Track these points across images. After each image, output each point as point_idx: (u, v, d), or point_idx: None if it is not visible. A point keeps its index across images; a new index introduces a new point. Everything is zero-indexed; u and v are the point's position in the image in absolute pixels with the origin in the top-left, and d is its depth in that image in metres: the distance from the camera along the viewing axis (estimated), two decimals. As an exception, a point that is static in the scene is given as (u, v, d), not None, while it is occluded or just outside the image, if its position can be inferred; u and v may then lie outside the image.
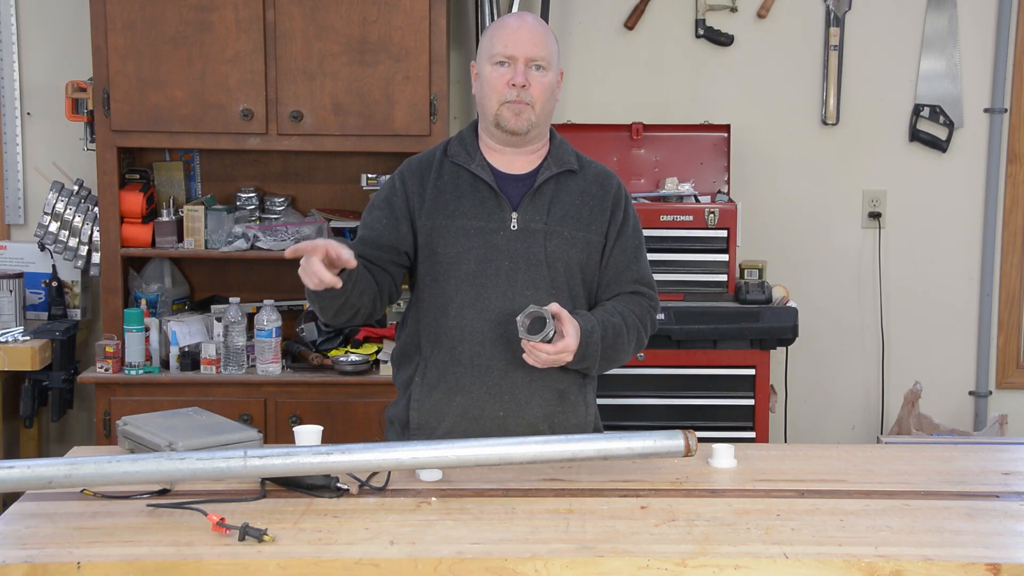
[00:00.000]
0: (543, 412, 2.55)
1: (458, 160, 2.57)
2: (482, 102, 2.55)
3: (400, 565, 1.95)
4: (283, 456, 2.19)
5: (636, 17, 4.21)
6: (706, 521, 2.13)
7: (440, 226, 2.53)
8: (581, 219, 2.56)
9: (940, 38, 4.25)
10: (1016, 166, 4.30)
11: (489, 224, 2.52)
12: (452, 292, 2.53)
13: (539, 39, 2.51)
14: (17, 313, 3.97)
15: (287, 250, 2.36)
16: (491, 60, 2.51)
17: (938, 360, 4.38)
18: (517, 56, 2.48)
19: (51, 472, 2.14)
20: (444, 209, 2.54)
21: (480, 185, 2.55)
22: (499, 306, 2.51)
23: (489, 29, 2.58)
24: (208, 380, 3.76)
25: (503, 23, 2.55)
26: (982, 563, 1.94)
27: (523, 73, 2.48)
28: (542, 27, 2.55)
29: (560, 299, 2.52)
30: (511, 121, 2.51)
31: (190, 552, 1.97)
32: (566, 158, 2.59)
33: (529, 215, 2.54)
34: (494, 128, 2.54)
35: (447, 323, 2.53)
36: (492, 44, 2.52)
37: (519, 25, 2.52)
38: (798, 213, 4.32)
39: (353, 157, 4.08)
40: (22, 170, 4.19)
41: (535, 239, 2.53)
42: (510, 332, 2.48)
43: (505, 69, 2.49)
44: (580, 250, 2.55)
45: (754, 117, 4.27)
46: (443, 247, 2.53)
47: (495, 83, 2.50)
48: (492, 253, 2.52)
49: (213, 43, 3.74)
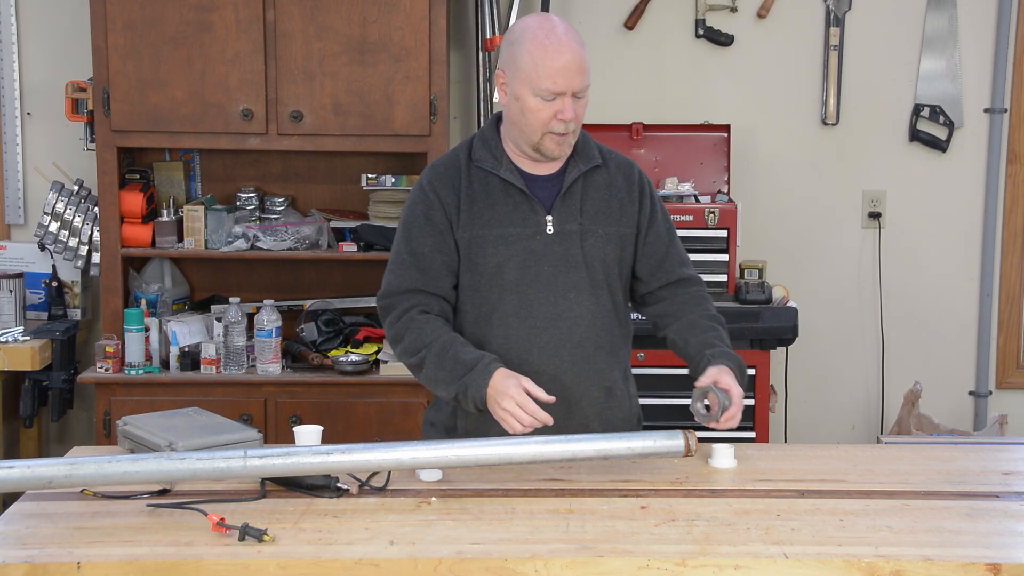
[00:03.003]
0: (593, 410, 2.55)
1: (485, 165, 2.53)
2: (522, 127, 2.47)
3: (400, 565, 1.95)
4: (283, 456, 2.19)
5: (636, 17, 4.21)
6: (706, 521, 2.13)
7: (478, 236, 2.50)
8: (612, 214, 2.55)
9: (940, 38, 4.25)
10: (1016, 166, 4.30)
11: (526, 230, 2.50)
12: (495, 301, 2.51)
13: (583, 66, 2.42)
14: (17, 313, 3.97)
15: (514, 431, 2.34)
16: (535, 90, 2.41)
17: (938, 360, 4.38)
18: (566, 92, 2.41)
19: (51, 472, 2.14)
20: (480, 218, 2.51)
21: (511, 190, 2.52)
22: (543, 312, 2.51)
23: (529, 48, 2.42)
24: (208, 380, 3.76)
25: (549, 51, 2.40)
26: (982, 563, 1.94)
27: (571, 108, 2.42)
28: (581, 47, 2.44)
29: (600, 298, 2.53)
30: (555, 151, 2.48)
31: (190, 552, 1.97)
32: (591, 153, 2.57)
33: (563, 217, 2.52)
34: (531, 150, 2.50)
35: (492, 332, 2.52)
36: (538, 76, 2.40)
37: (568, 57, 2.40)
38: (798, 213, 4.32)
39: (353, 157, 4.08)
40: (22, 170, 4.19)
41: (571, 240, 2.52)
42: (556, 335, 2.50)
43: (552, 102, 2.42)
44: (615, 246, 2.55)
45: (754, 117, 4.27)
46: (483, 257, 2.51)
47: (541, 115, 2.43)
48: (532, 259, 2.50)
49: (213, 43, 3.73)
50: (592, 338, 2.54)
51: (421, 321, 2.48)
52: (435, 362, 2.44)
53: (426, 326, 2.48)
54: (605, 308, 2.55)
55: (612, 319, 2.57)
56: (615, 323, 2.58)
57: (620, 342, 2.61)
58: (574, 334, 2.52)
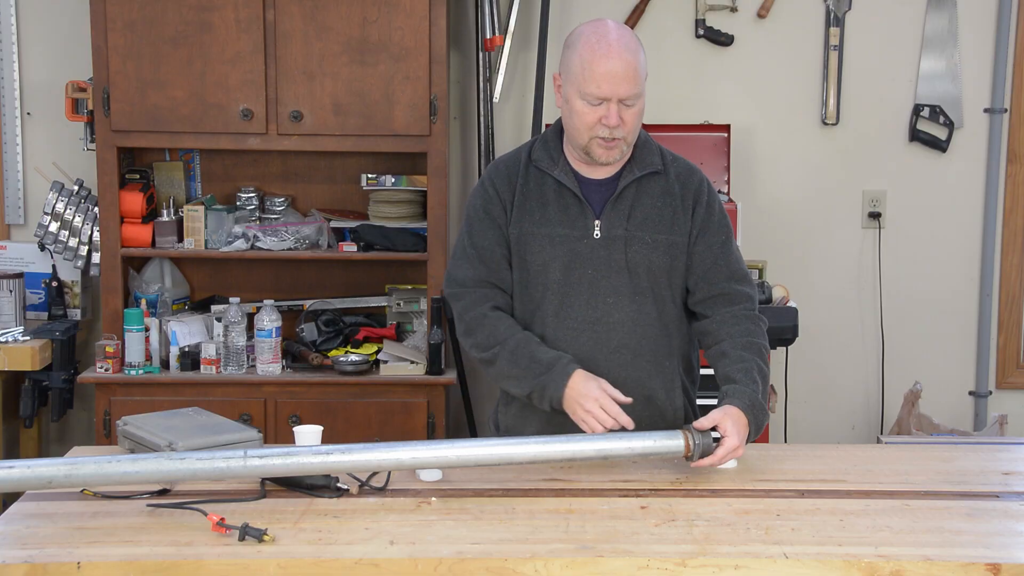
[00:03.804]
0: (630, 416, 2.44)
1: (542, 166, 2.54)
2: (571, 129, 2.48)
3: (400, 565, 1.95)
4: (283, 456, 2.19)
5: (636, 17, 4.21)
6: (706, 521, 2.13)
7: (527, 233, 2.52)
8: (663, 222, 2.53)
9: (940, 38, 4.25)
10: (1016, 166, 4.30)
11: (573, 232, 2.51)
12: (539, 300, 2.53)
13: (633, 74, 2.40)
14: (17, 313, 3.97)
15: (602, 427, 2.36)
16: (582, 94, 2.41)
17: (938, 360, 4.37)
18: (611, 97, 2.40)
19: (51, 472, 2.14)
20: (530, 216, 2.53)
21: (564, 192, 2.52)
22: (583, 315, 2.51)
23: (580, 51, 2.42)
24: (208, 380, 3.76)
25: (598, 55, 2.39)
26: (982, 563, 1.94)
27: (616, 114, 2.40)
28: (633, 56, 2.41)
29: (643, 305, 2.52)
30: (603, 156, 2.47)
31: (190, 552, 1.97)
32: (650, 159, 2.55)
33: (611, 222, 2.51)
34: (582, 153, 2.50)
35: (533, 331, 2.53)
36: (584, 80, 2.40)
37: (615, 63, 2.39)
38: (798, 213, 4.32)
39: (353, 157, 4.08)
40: (22, 170, 4.19)
41: (616, 246, 2.51)
42: (592, 339, 2.50)
43: (598, 107, 2.41)
44: (663, 253, 2.52)
45: (754, 117, 4.27)
46: (531, 255, 2.52)
47: (587, 119, 2.43)
48: (576, 261, 2.51)
49: (213, 43, 3.73)
50: (631, 345, 2.52)
51: (494, 318, 2.51)
52: (509, 359, 2.46)
53: (500, 323, 2.50)
54: (648, 316, 2.53)
55: (657, 329, 2.54)
56: (660, 332, 2.55)
57: (665, 351, 2.57)
58: (611, 339, 2.52)
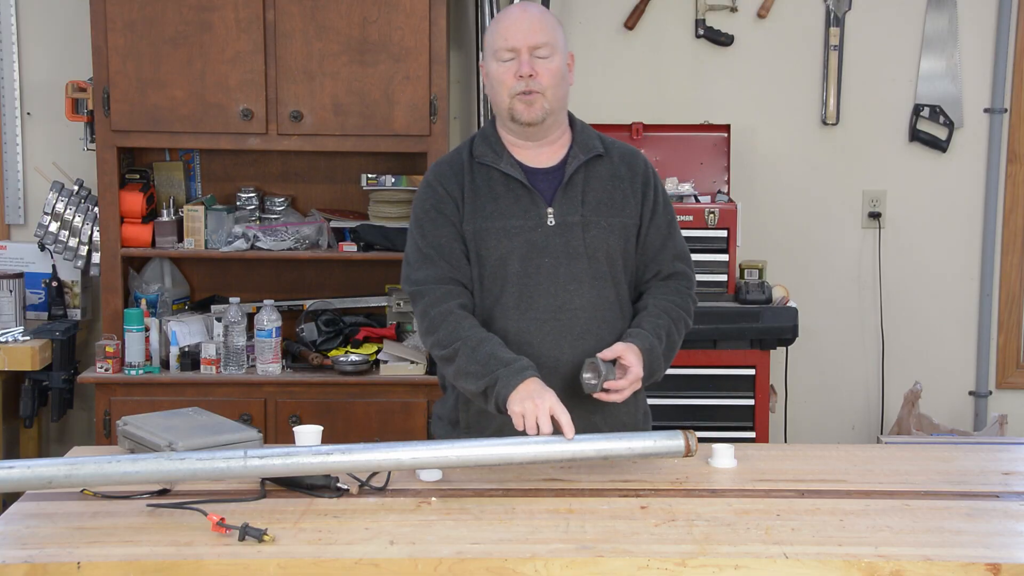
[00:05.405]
0: (595, 404, 2.48)
1: (486, 160, 2.55)
2: (494, 99, 2.54)
3: (400, 565, 1.95)
4: (283, 456, 2.19)
5: (636, 17, 4.21)
6: (706, 521, 2.13)
7: (482, 229, 2.52)
8: (615, 204, 2.56)
9: (940, 38, 4.25)
10: (1016, 166, 4.30)
11: (527, 222, 2.52)
12: (499, 293, 2.53)
13: (539, 25, 2.49)
14: (17, 313, 3.97)
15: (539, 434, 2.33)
16: (496, 56, 2.50)
17: (938, 360, 4.37)
18: (520, 47, 2.47)
19: (51, 472, 2.14)
20: (483, 211, 2.53)
21: (513, 183, 2.54)
22: (545, 304, 2.51)
23: (491, 25, 2.57)
24: (208, 380, 3.76)
25: (502, 16, 2.54)
26: (982, 563, 1.94)
27: (528, 63, 2.47)
28: (542, 12, 2.54)
29: (602, 290, 2.53)
30: (524, 113, 2.49)
31: (190, 552, 1.97)
32: (591, 143, 2.58)
33: (564, 208, 2.53)
34: (510, 123, 2.53)
35: (493, 325, 2.52)
36: (494, 39, 2.51)
37: (518, 15, 2.51)
38: (798, 213, 4.32)
39: (353, 157, 4.08)
40: (22, 170, 4.19)
41: (573, 232, 2.52)
42: (556, 328, 2.50)
43: (511, 63, 2.48)
44: (618, 236, 2.55)
45: (754, 117, 4.27)
46: (487, 250, 2.52)
47: (503, 77, 2.49)
48: (533, 251, 2.51)
49: (213, 43, 3.73)
50: (593, 331, 2.53)
51: (460, 316, 2.49)
52: (469, 355, 2.43)
53: (464, 321, 2.48)
54: (608, 301, 2.55)
55: (615, 313, 2.56)
56: (619, 317, 2.57)
57: (622, 335, 2.57)
58: (575, 327, 2.52)
